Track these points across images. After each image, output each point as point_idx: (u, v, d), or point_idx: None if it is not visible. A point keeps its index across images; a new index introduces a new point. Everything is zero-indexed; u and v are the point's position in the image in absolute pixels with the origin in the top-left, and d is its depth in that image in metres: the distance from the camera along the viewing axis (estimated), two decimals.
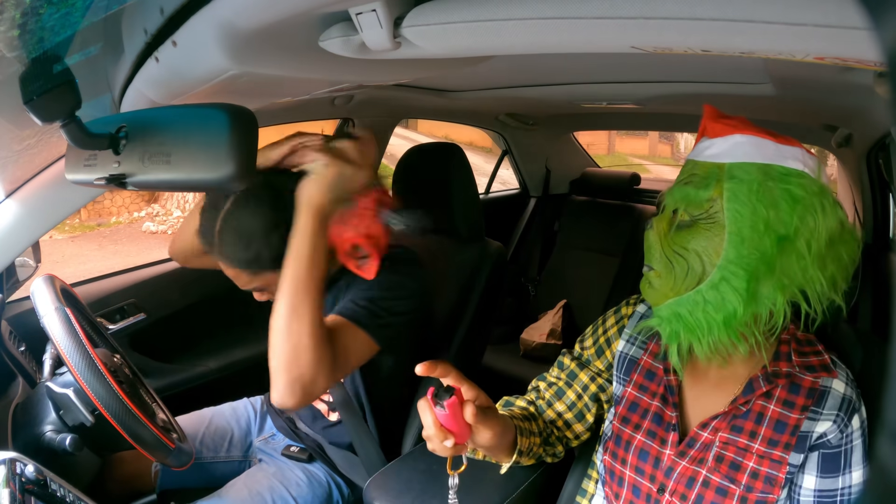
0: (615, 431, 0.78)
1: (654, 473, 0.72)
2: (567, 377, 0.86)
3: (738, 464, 0.66)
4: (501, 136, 2.35)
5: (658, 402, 0.75)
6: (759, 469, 0.65)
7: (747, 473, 0.65)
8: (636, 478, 0.74)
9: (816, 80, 0.90)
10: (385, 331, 0.93)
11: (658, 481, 0.71)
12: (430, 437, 0.63)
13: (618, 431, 0.77)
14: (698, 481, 0.68)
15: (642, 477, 0.73)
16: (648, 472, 0.73)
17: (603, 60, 1.03)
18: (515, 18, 0.44)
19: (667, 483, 0.70)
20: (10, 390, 0.97)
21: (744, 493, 0.65)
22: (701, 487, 0.67)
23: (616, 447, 0.77)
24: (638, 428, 0.75)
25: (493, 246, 1.27)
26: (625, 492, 0.75)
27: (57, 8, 0.41)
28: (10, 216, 1.00)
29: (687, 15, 0.36)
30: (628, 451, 0.75)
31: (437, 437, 0.62)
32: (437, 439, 0.62)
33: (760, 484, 0.65)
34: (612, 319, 0.84)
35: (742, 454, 0.66)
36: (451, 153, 1.26)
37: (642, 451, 0.74)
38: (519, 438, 0.77)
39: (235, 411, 1.25)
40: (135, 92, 0.72)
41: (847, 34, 0.32)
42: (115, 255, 6.71)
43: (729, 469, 0.66)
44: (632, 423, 0.76)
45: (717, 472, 0.67)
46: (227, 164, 0.53)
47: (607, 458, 0.78)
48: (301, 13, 0.51)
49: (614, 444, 0.77)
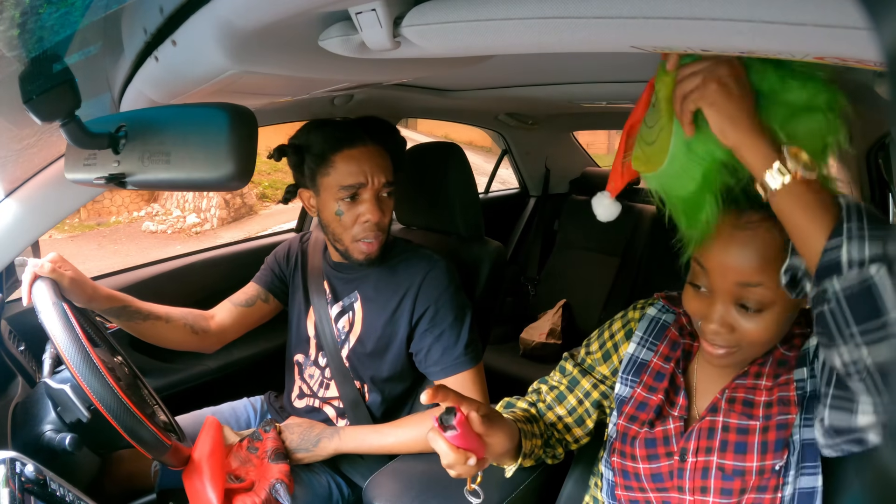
0: (621, 430, 0.78)
1: (669, 449, 0.73)
2: (569, 383, 0.86)
3: (750, 401, 0.69)
4: (501, 135, 2.35)
5: (661, 395, 0.76)
6: (770, 398, 0.68)
7: (761, 406, 0.68)
8: (651, 466, 0.74)
9: None
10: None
11: (676, 451, 0.72)
12: (451, 465, 0.62)
13: (623, 430, 0.78)
14: (717, 429, 0.70)
15: (657, 461, 0.74)
16: (662, 451, 0.74)
17: (603, 60, 1.03)
18: (515, 18, 0.44)
19: (687, 445, 0.71)
20: (10, 390, 0.97)
21: (764, 424, 0.67)
22: (722, 433, 0.69)
23: (623, 445, 0.77)
24: (643, 423, 0.76)
25: (492, 245, 1.27)
26: (646, 483, 0.75)
27: (56, 7, 0.41)
28: (9, 216, 1.00)
29: (687, 15, 0.36)
30: (635, 447, 0.76)
31: (457, 460, 0.61)
32: (458, 462, 0.61)
33: (776, 409, 0.67)
34: (619, 324, 0.84)
35: (752, 392, 0.70)
36: (450, 152, 1.26)
37: (647, 440, 0.75)
38: (523, 441, 0.77)
39: (235, 411, 1.25)
40: (134, 91, 0.72)
41: (847, 34, 0.32)
42: (115, 255, 6.72)
43: (743, 407, 0.69)
44: (638, 420, 0.77)
45: (733, 414, 0.69)
46: (226, 163, 0.53)
47: (616, 459, 0.78)
48: (300, 13, 0.51)
49: (621, 444, 0.78)
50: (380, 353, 1.11)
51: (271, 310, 1.23)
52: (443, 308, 1.06)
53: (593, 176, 2.55)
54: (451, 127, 2.50)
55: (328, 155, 1.01)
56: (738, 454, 0.67)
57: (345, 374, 1.13)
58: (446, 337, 1.06)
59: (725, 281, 0.63)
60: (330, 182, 1.02)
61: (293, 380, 1.22)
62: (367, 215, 1.02)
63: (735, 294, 0.63)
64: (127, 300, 1.02)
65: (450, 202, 1.25)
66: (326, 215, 1.05)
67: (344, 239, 1.06)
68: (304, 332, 1.19)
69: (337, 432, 1.09)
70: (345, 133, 1.02)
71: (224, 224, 7.80)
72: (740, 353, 0.67)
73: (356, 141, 1.02)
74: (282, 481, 0.96)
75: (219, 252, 1.61)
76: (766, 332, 0.64)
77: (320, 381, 1.18)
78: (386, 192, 1.05)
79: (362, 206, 1.02)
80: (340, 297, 1.15)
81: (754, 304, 0.63)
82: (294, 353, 1.23)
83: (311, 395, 1.19)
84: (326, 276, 1.17)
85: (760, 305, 0.63)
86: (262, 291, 1.21)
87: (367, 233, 1.03)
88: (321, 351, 1.17)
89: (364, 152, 1.02)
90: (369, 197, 1.02)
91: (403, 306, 1.08)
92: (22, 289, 0.90)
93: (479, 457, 0.62)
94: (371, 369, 1.12)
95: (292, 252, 1.24)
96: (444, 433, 0.60)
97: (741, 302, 0.63)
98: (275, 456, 1.01)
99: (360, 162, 1.01)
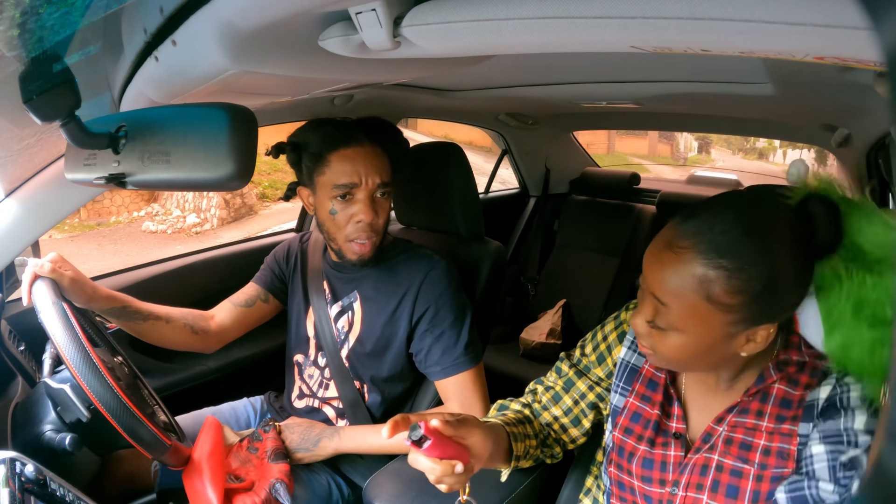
0: (617, 443, 0.78)
1: (664, 477, 0.72)
2: (564, 384, 0.86)
3: (748, 444, 0.66)
4: (501, 135, 2.35)
5: (657, 410, 0.74)
6: (770, 445, 0.65)
7: (759, 451, 0.66)
8: (645, 487, 0.74)
9: (816, 80, 0.90)
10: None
11: (669, 481, 0.71)
12: (440, 477, 0.62)
13: (620, 443, 0.77)
14: (711, 467, 0.68)
15: (651, 484, 0.73)
16: (657, 476, 0.73)
17: (603, 60, 1.03)
18: (515, 18, 0.44)
19: (680, 478, 0.70)
20: (10, 390, 0.97)
21: (758, 472, 0.65)
22: (715, 473, 0.68)
23: (620, 458, 0.77)
24: (640, 439, 0.75)
25: (492, 245, 1.27)
26: (639, 500, 0.75)
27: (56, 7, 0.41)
28: (9, 216, 1.00)
29: (687, 15, 0.36)
30: (632, 463, 0.75)
31: (444, 470, 0.61)
32: (446, 472, 0.61)
33: (773, 460, 0.65)
34: (612, 325, 0.84)
35: (751, 434, 0.66)
36: (450, 152, 1.26)
37: (645, 460, 0.74)
38: (514, 444, 0.77)
39: (235, 411, 1.25)
40: (134, 91, 0.72)
41: (847, 34, 0.32)
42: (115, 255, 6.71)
43: (740, 450, 0.67)
44: (634, 433, 0.76)
45: (729, 455, 0.67)
46: (226, 163, 0.53)
47: (613, 470, 0.78)
48: (301, 12, 0.51)
49: (618, 456, 0.77)
50: (379, 353, 1.11)
51: (271, 310, 1.23)
52: (443, 308, 1.06)
53: (593, 176, 2.55)
54: (451, 127, 2.50)
55: (324, 153, 1.02)
56: (729, 498, 0.66)
57: (344, 375, 1.13)
58: (446, 337, 1.06)
59: (646, 287, 0.64)
60: (325, 181, 1.02)
61: (293, 380, 1.22)
62: (360, 215, 1.02)
63: (652, 306, 0.64)
64: (127, 300, 1.02)
65: (450, 202, 1.25)
66: (322, 214, 1.05)
67: (338, 238, 1.06)
68: (304, 332, 1.19)
69: (337, 432, 1.09)
70: (342, 132, 1.03)
71: (224, 224, 7.80)
72: (658, 359, 0.67)
73: (352, 140, 1.02)
74: (282, 481, 0.96)
75: (219, 252, 1.61)
76: (674, 352, 0.64)
77: (320, 382, 1.18)
78: (381, 192, 1.04)
79: (356, 206, 1.02)
80: (340, 296, 1.15)
81: (661, 322, 0.63)
82: (294, 353, 1.23)
83: (310, 395, 1.19)
84: (326, 275, 1.17)
85: (667, 325, 0.62)
86: (262, 292, 1.21)
87: (360, 233, 1.04)
88: (320, 351, 1.17)
89: (359, 152, 1.02)
90: (363, 197, 1.02)
91: (403, 306, 1.08)
92: (22, 289, 0.90)
93: (463, 462, 0.62)
94: (371, 369, 1.12)
95: (292, 252, 1.24)
96: (420, 448, 0.60)
97: (654, 315, 0.64)
98: (275, 456, 1.01)
99: (354, 162, 1.01)
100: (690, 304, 0.59)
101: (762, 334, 0.61)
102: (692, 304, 0.59)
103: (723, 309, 0.58)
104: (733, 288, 0.57)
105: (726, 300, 0.58)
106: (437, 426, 0.61)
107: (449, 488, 0.63)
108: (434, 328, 1.06)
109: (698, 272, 0.58)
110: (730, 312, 0.58)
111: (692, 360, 0.65)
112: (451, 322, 1.06)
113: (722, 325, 0.60)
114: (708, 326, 0.60)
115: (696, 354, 0.63)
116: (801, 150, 14.63)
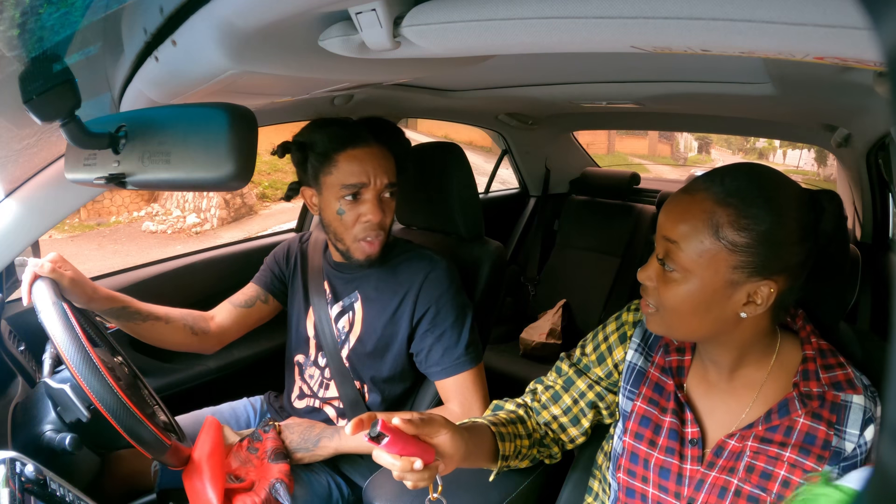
0: (628, 448, 0.77)
1: (679, 490, 0.72)
2: (564, 383, 0.86)
3: (769, 473, 0.67)
4: (501, 135, 2.35)
5: (671, 418, 0.74)
6: (790, 478, 0.65)
7: (779, 482, 0.66)
8: (660, 495, 0.73)
9: (816, 80, 0.90)
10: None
11: (685, 497, 0.71)
12: (403, 473, 0.62)
13: (632, 448, 0.77)
14: (730, 491, 0.68)
15: (667, 494, 0.73)
16: (673, 489, 0.73)
17: (603, 60, 1.03)
18: (515, 18, 0.44)
19: (696, 496, 0.70)
20: (10, 390, 0.97)
21: (774, 501, 0.65)
22: (733, 497, 0.68)
23: (633, 465, 0.76)
24: (654, 445, 0.75)
25: (492, 245, 1.27)
26: None
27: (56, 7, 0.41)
28: (9, 216, 1.00)
29: (687, 15, 0.36)
30: (648, 469, 0.74)
31: (403, 467, 0.61)
32: (405, 469, 0.61)
33: (791, 493, 0.65)
34: (613, 325, 0.84)
35: (773, 463, 0.67)
36: (450, 152, 1.26)
37: (662, 469, 0.73)
38: (500, 444, 0.77)
39: (235, 411, 1.25)
40: (134, 91, 0.72)
41: (847, 34, 0.32)
42: (115, 255, 6.71)
43: (760, 479, 0.67)
44: (646, 439, 0.75)
45: (749, 482, 0.67)
46: (226, 163, 0.53)
47: (623, 477, 0.77)
48: (301, 13, 0.51)
49: (630, 462, 0.77)
50: (380, 353, 1.11)
51: (271, 310, 1.23)
52: (443, 308, 1.06)
53: (593, 176, 2.55)
54: (451, 127, 2.50)
55: (331, 154, 1.02)
56: None
57: (344, 375, 1.13)
58: (447, 337, 1.06)
59: (659, 232, 0.67)
60: (332, 181, 1.02)
61: (293, 380, 1.22)
62: (368, 215, 1.02)
63: (664, 248, 0.66)
64: (126, 301, 1.02)
65: (450, 202, 1.25)
66: (328, 214, 1.05)
67: (345, 238, 1.06)
68: (304, 332, 1.19)
69: (337, 432, 1.09)
70: (349, 132, 1.03)
71: (224, 224, 7.80)
72: (660, 318, 0.69)
73: (360, 141, 1.02)
74: (282, 481, 0.96)
75: (219, 252, 1.61)
76: (680, 302, 0.65)
77: (320, 382, 1.18)
78: (388, 192, 1.05)
79: (364, 205, 1.03)
80: (341, 297, 1.15)
81: (671, 263, 0.65)
82: (294, 353, 1.23)
83: (311, 395, 1.19)
84: (327, 276, 1.17)
85: (675, 266, 0.65)
86: (262, 292, 1.21)
87: (369, 232, 1.04)
88: (321, 351, 1.17)
89: (367, 152, 1.02)
90: (371, 197, 1.02)
91: (404, 307, 1.08)
92: (22, 289, 0.90)
93: (426, 461, 0.62)
94: (371, 369, 1.12)
95: (292, 252, 1.24)
96: (379, 445, 0.60)
97: (665, 257, 0.66)
98: (275, 456, 1.01)
99: (362, 162, 1.01)
100: (699, 241, 0.63)
101: (763, 292, 0.63)
102: (701, 241, 0.62)
103: (729, 247, 0.61)
104: (741, 226, 0.61)
105: (734, 237, 0.61)
106: (397, 424, 0.61)
107: (413, 485, 0.63)
108: (435, 328, 1.06)
109: (708, 208, 0.62)
110: (735, 252, 0.61)
111: (693, 319, 0.66)
112: (452, 322, 1.06)
113: (727, 269, 0.62)
114: (714, 270, 0.63)
115: (698, 308, 0.65)
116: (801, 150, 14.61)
